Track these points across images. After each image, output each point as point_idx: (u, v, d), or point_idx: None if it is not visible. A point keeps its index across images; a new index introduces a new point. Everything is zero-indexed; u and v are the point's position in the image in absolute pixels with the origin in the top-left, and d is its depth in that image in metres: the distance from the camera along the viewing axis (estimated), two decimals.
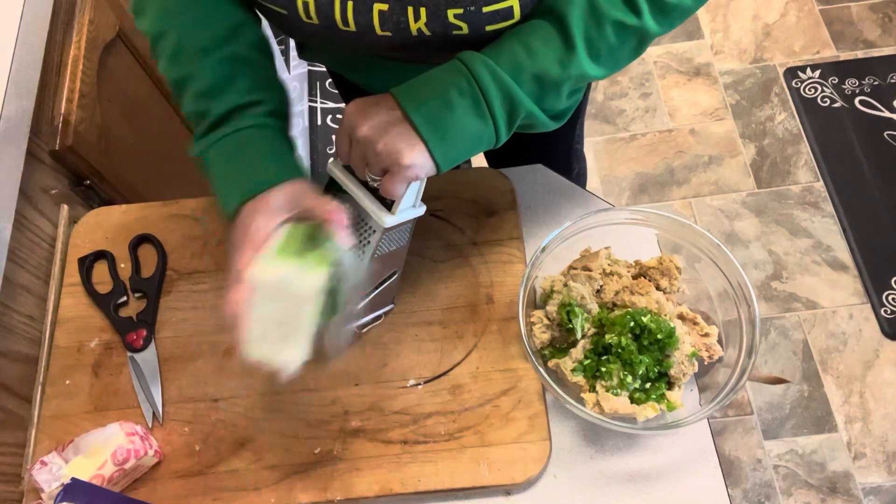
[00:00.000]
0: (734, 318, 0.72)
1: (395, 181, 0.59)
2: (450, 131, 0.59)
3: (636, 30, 0.61)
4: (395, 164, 0.59)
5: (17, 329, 0.79)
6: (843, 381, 1.58)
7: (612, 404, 0.67)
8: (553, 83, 0.61)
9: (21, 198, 0.82)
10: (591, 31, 0.60)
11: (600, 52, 0.61)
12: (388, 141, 0.58)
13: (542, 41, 0.60)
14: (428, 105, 0.59)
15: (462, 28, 0.61)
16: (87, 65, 1.00)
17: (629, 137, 1.92)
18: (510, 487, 0.70)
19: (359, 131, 0.59)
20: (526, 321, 0.72)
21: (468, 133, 0.61)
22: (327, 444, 0.72)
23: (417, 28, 0.61)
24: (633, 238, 0.77)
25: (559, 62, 0.60)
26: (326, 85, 2.02)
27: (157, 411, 0.75)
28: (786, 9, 2.07)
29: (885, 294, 1.65)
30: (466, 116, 0.60)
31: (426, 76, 0.61)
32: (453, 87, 0.59)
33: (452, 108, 0.59)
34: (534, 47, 0.60)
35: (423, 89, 0.60)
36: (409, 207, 0.66)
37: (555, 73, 0.60)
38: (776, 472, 1.50)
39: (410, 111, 0.59)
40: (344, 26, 0.63)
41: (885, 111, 1.88)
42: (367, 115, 0.60)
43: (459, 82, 0.59)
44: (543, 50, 0.60)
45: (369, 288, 0.71)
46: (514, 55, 0.60)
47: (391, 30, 0.62)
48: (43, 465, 0.68)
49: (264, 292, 0.59)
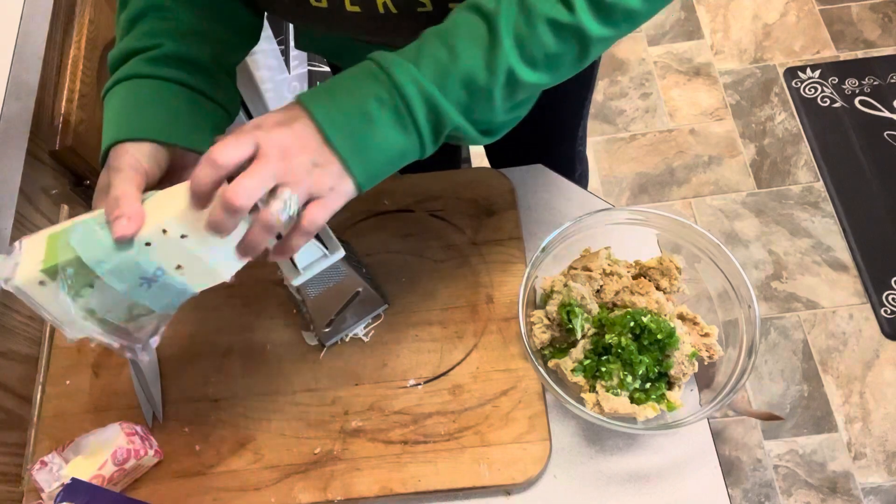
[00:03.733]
0: (734, 318, 0.72)
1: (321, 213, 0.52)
2: (371, 150, 0.53)
3: (573, 29, 0.54)
4: (326, 191, 0.52)
5: (17, 329, 0.79)
6: (843, 381, 1.58)
7: (612, 404, 0.67)
8: (482, 90, 0.54)
9: (21, 198, 0.82)
10: (521, 30, 0.53)
11: (535, 55, 0.54)
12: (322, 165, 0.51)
13: (467, 41, 0.53)
14: (347, 123, 0.52)
15: (426, 4, 0.60)
16: (87, 65, 1.00)
17: (629, 137, 1.92)
18: (510, 487, 0.70)
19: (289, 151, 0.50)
20: (526, 321, 0.72)
21: (391, 149, 0.54)
22: (327, 444, 0.72)
23: (383, 3, 0.60)
24: (633, 238, 0.77)
25: (486, 65, 0.53)
26: None
27: (157, 411, 0.75)
28: (786, 9, 2.07)
29: (885, 294, 1.65)
30: (389, 131, 0.53)
31: (338, 83, 0.54)
32: (372, 98, 0.52)
33: (374, 124, 0.52)
34: (458, 48, 0.53)
35: (338, 101, 0.53)
36: (316, 259, 0.62)
37: (482, 78, 0.54)
38: (776, 472, 1.50)
39: (329, 131, 0.51)
40: (316, 2, 0.62)
41: (885, 111, 1.88)
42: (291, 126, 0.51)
43: (380, 93, 0.52)
44: (469, 51, 0.53)
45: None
46: (436, 58, 0.53)
47: (359, 5, 0.61)
48: (43, 465, 0.68)
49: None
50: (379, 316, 0.79)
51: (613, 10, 0.54)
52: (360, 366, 0.77)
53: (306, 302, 0.69)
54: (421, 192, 0.86)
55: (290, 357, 0.78)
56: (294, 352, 0.78)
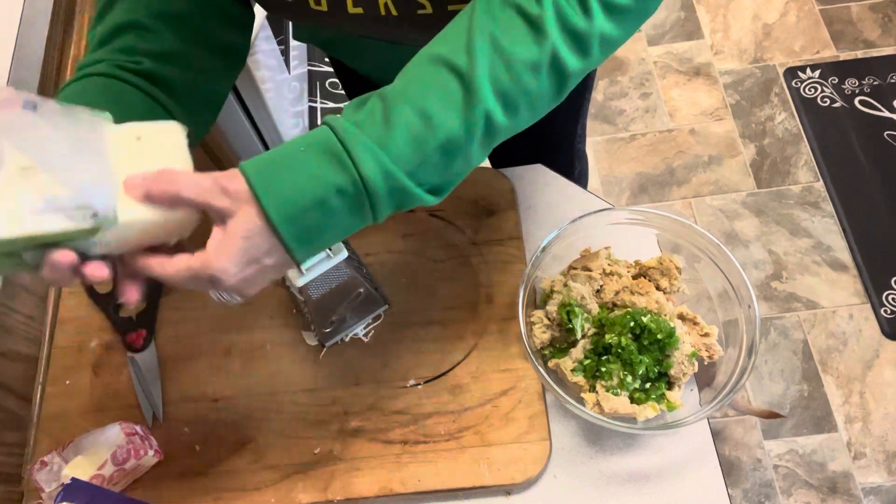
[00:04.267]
0: (734, 318, 0.72)
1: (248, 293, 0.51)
2: (321, 242, 0.50)
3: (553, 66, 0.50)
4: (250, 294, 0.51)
5: (17, 329, 0.79)
6: (843, 381, 1.58)
7: (612, 404, 0.67)
8: (460, 150, 0.50)
9: None
10: (502, 81, 0.49)
11: (517, 102, 0.50)
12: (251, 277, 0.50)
13: (441, 102, 0.49)
14: (302, 219, 0.48)
15: (426, 6, 0.60)
16: None
17: (629, 137, 1.92)
18: (510, 487, 0.70)
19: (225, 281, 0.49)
20: (526, 321, 0.72)
21: (342, 230, 0.51)
22: (327, 444, 0.72)
23: (384, 4, 0.61)
24: (633, 238, 0.77)
25: (464, 125, 0.49)
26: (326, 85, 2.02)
27: (157, 411, 0.75)
28: (786, 9, 2.07)
29: (885, 294, 1.65)
30: (346, 217, 0.49)
31: (294, 161, 0.48)
32: (333, 188, 0.47)
33: (331, 216, 0.48)
34: (432, 113, 0.48)
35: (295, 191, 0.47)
36: (320, 260, 0.64)
37: (461, 139, 0.49)
38: (776, 472, 1.50)
39: (282, 229, 0.47)
40: (316, 5, 0.62)
41: (885, 111, 1.88)
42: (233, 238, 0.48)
43: (342, 184, 0.47)
44: (444, 114, 0.49)
45: None
46: (409, 132, 0.48)
47: (362, 6, 0.62)
48: (43, 465, 0.68)
49: None
50: (379, 316, 0.79)
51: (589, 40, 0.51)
52: (360, 366, 0.77)
53: (308, 302, 0.69)
54: None
55: (290, 357, 0.78)
56: (294, 352, 0.78)
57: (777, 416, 0.72)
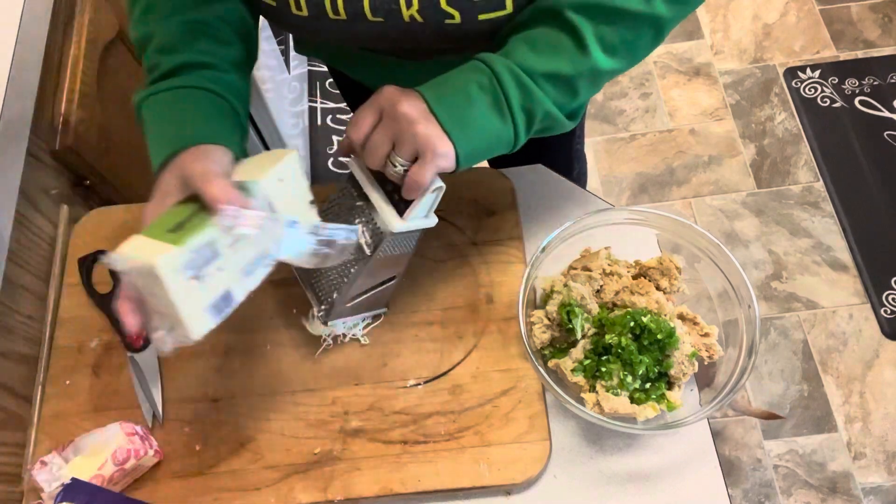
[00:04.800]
0: (734, 318, 0.72)
1: (427, 168, 0.58)
2: (470, 126, 0.59)
3: (648, 18, 0.60)
4: (432, 149, 0.57)
5: (17, 329, 0.79)
6: (843, 381, 1.58)
7: (612, 404, 0.67)
8: (567, 81, 0.61)
9: (21, 198, 0.82)
10: (602, 29, 0.59)
11: (616, 46, 0.61)
12: (429, 125, 0.58)
13: (552, 43, 0.60)
14: (449, 99, 0.59)
15: (454, 16, 0.61)
16: (87, 65, 1.00)
17: (629, 137, 1.92)
18: (510, 487, 0.70)
19: (400, 107, 0.58)
20: (526, 321, 0.72)
21: (488, 130, 0.60)
22: (327, 444, 0.72)
23: (410, 14, 0.61)
24: (633, 238, 0.77)
25: (571, 61, 0.60)
26: (326, 85, 2.02)
27: (157, 411, 0.75)
28: (786, 9, 2.08)
29: (885, 294, 1.65)
30: (486, 113, 0.60)
31: (447, 74, 0.61)
32: (473, 83, 0.59)
33: (473, 103, 0.59)
34: (543, 50, 0.60)
35: (444, 85, 0.60)
36: (421, 216, 0.65)
37: (568, 71, 0.60)
38: (776, 472, 1.50)
39: (433, 104, 0.58)
40: (334, 15, 0.62)
41: (885, 111, 1.88)
42: (407, 97, 0.59)
43: (480, 79, 0.59)
44: (553, 51, 0.60)
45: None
46: (526, 57, 0.60)
47: (383, 15, 0.62)
48: (43, 465, 0.68)
49: (127, 274, 0.55)
50: (379, 316, 0.79)
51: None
52: (360, 366, 0.77)
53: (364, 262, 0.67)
54: None
55: (290, 357, 0.78)
56: (294, 352, 0.78)
57: (776, 418, 0.72)
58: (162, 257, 0.52)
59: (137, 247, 0.55)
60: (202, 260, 0.55)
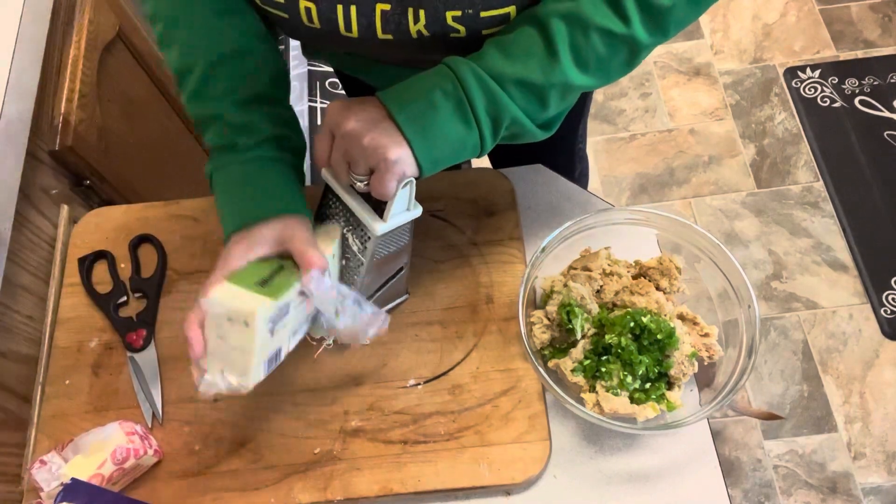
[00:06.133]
0: (734, 318, 0.72)
1: (384, 178, 0.58)
2: (433, 133, 0.59)
3: (625, 39, 0.59)
4: (382, 159, 0.57)
5: (17, 329, 0.79)
6: (843, 381, 1.58)
7: (612, 404, 0.67)
8: (537, 90, 0.60)
9: (21, 198, 0.82)
10: (577, 39, 0.58)
11: (588, 61, 0.60)
12: (375, 135, 0.57)
13: (524, 49, 0.59)
14: (411, 106, 0.58)
15: (460, 31, 0.61)
16: (87, 65, 1.00)
17: (629, 137, 1.92)
18: (510, 487, 0.70)
19: (344, 125, 0.58)
20: (526, 321, 0.72)
21: (452, 137, 0.60)
22: (327, 444, 0.72)
23: (417, 30, 0.61)
24: (633, 238, 0.77)
25: (541, 69, 0.59)
26: (326, 85, 2.02)
27: (157, 411, 0.75)
28: (786, 9, 2.07)
29: (885, 294, 1.65)
30: (450, 119, 0.59)
31: (411, 80, 0.61)
32: (437, 88, 0.59)
33: (436, 110, 0.58)
34: (515, 55, 0.59)
35: (407, 91, 0.60)
36: (401, 212, 0.65)
37: (537, 79, 0.59)
38: (776, 472, 1.50)
39: (394, 111, 0.58)
40: (346, 32, 0.63)
41: (885, 111, 1.88)
42: (352, 111, 0.59)
43: (444, 85, 0.59)
44: (525, 57, 0.59)
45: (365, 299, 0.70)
46: (495, 61, 0.59)
47: (392, 32, 0.62)
48: (42, 465, 0.68)
49: (212, 316, 0.59)
50: (395, 307, 0.79)
51: (667, 19, 0.59)
52: (360, 366, 0.77)
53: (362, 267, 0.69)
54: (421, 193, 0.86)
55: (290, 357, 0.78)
56: (294, 352, 0.78)
57: (776, 418, 0.72)
58: (261, 307, 0.57)
59: (232, 294, 0.59)
60: (279, 316, 0.60)
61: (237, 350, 0.59)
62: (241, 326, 0.58)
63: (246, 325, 0.58)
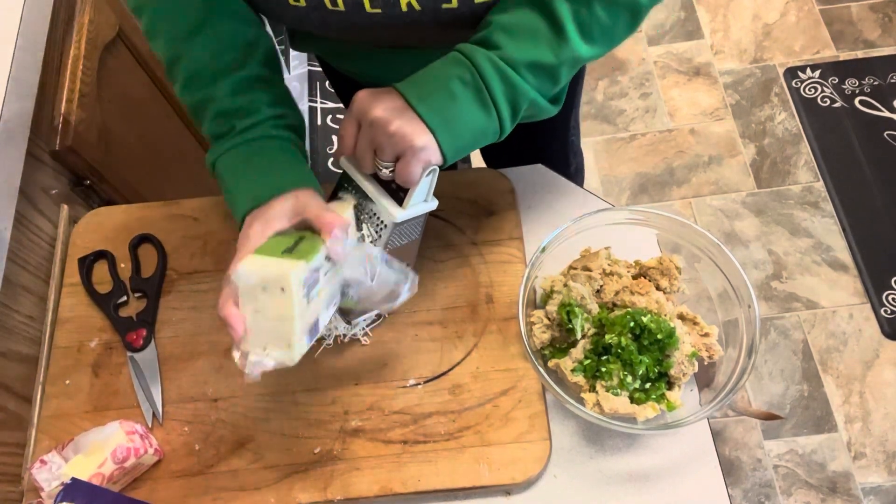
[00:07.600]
0: (734, 318, 0.72)
1: (410, 164, 0.59)
2: (455, 122, 0.60)
3: (626, 3, 0.61)
4: (409, 146, 0.58)
5: (17, 329, 0.79)
6: (843, 381, 1.58)
7: (612, 404, 0.67)
8: (549, 70, 0.61)
9: (21, 198, 0.82)
10: (581, 14, 0.60)
11: (593, 32, 0.61)
12: (402, 123, 0.58)
13: (532, 32, 0.60)
14: (433, 97, 0.59)
15: (451, 1, 0.61)
16: (87, 65, 1.00)
17: (629, 137, 1.92)
18: (510, 487, 0.70)
19: (372, 113, 0.59)
20: (526, 321, 0.72)
21: (473, 125, 0.61)
22: (327, 444, 0.72)
23: (407, 2, 0.61)
24: (633, 238, 0.77)
25: (552, 50, 0.60)
26: (326, 85, 2.02)
27: (157, 411, 0.75)
28: (786, 9, 2.07)
29: (885, 294, 1.65)
30: (470, 107, 0.60)
31: (427, 70, 0.61)
32: (455, 78, 0.59)
33: (456, 100, 0.59)
34: (525, 38, 0.60)
35: (426, 82, 0.60)
36: (420, 202, 0.66)
37: (550, 60, 0.61)
38: (776, 472, 1.50)
39: (415, 102, 0.59)
40: (332, 6, 0.63)
41: (885, 111, 1.88)
42: (380, 99, 0.59)
43: (462, 74, 0.60)
44: (534, 40, 0.60)
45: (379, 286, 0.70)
46: (507, 47, 0.60)
47: (381, 6, 0.62)
48: (43, 464, 0.68)
49: (245, 290, 0.58)
50: (379, 316, 0.79)
51: None
52: (360, 366, 0.77)
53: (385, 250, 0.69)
54: None
55: None
56: None
57: (775, 418, 0.72)
58: (295, 270, 0.56)
59: (262, 264, 0.57)
60: (312, 281, 0.58)
61: (277, 321, 0.57)
62: (277, 293, 0.56)
63: (282, 290, 0.56)
